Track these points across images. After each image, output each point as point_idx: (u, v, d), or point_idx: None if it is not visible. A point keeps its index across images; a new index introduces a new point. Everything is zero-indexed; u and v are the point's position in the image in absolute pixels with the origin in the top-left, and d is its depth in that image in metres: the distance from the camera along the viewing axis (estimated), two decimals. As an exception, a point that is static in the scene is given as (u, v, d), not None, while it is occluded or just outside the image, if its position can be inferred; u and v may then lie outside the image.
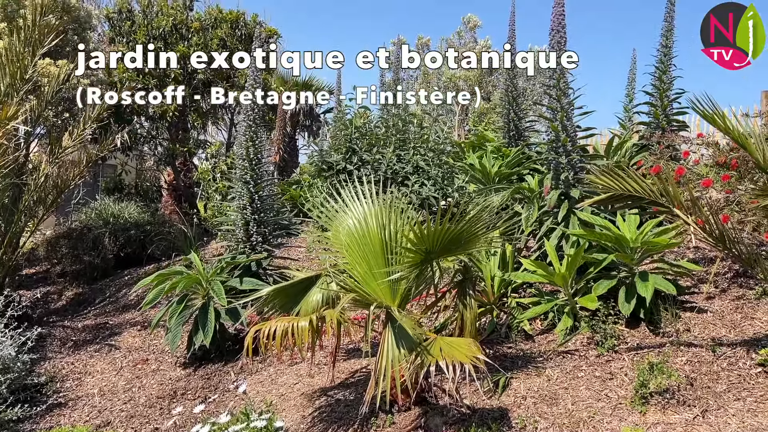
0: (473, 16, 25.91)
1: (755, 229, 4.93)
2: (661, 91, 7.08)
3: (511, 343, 4.79)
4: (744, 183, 4.83)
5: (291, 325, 3.52)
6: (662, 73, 7.15)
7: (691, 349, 4.08)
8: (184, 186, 12.49)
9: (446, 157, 8.42)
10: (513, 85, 8.59)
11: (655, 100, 7.21)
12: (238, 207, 5.89)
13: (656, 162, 5.52)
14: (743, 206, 4.72)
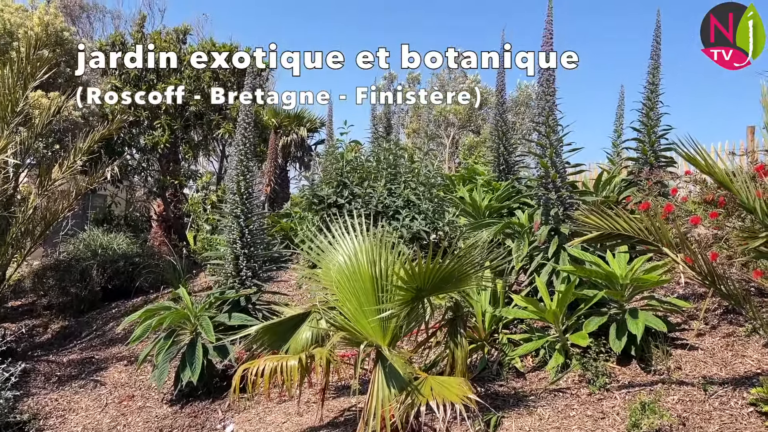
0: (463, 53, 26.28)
1: (744, 266, 4.95)
2: (649, 127, 7.18)
3: (502, 381, 4.75)
4: (732, 220, 4.87)
5: (280, 364, 3.48)
6: (649, 109, 7.26)
7: (683, 388, 4.06)
8: (174, 217, 12.45)
9: (437, 191, 8.45)
10: (502, 119, 8.69)
11: (643, 136, 7.31)
12: (228, 241, 5.87)
13: (645, 198, 5.57)
14: (731, 243, 4.75)
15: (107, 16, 23.50)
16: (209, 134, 12.60)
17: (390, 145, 8.62)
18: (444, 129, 23.66)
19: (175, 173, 12.13)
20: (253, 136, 6.02)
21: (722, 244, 4.88)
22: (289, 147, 15.14)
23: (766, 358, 4.27)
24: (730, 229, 4.81)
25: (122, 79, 11.14)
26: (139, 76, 11.12)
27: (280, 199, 13.04)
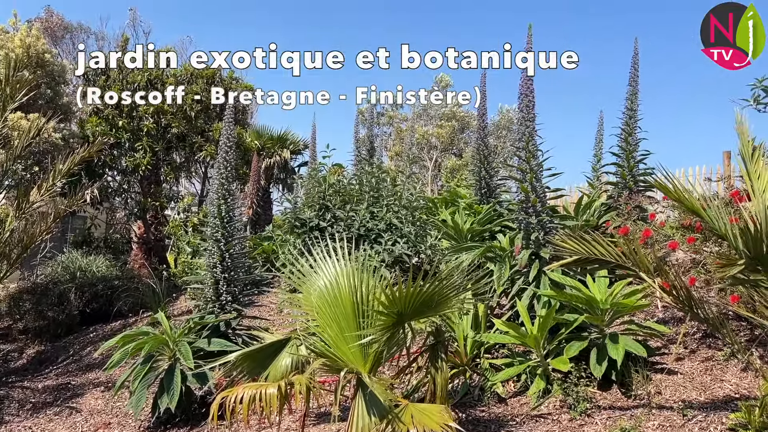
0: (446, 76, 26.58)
1: (722, 290, 5.00)
2: (628, 152, 7.29)
3: (484, 406, 4.73)
4: (709, 245, 4.93)
5: (258, 392, 3.43)
6: (628, 134, 7.37)
7: (663, 413, 4.07)
8: (154, 239, 12.34)
9: (419, 214, 8.48)
10: (484, 143, 8.77)
11: (622, 161, 7.41)
12: (208, 265, 5.81)
13: (624, 223, 5.63)
14: (709, 268, 4.81)
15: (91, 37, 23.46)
16: (191, 156, 12.57)
17: (373, 168, 8.64)
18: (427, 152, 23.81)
19: (156, 195, 12.06)
20: (236, 159, 6.00)
21: (700, 269, 4.93)
22: (272, 169, 15.13)
23: (744, 383, 4.30)
24: (708, 254, 4.87)
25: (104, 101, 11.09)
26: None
27: (262, 222, 13.00)
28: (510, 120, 23.86)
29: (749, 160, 4.08)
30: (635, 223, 5.71)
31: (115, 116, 11.03)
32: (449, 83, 26.69)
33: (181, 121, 11.48)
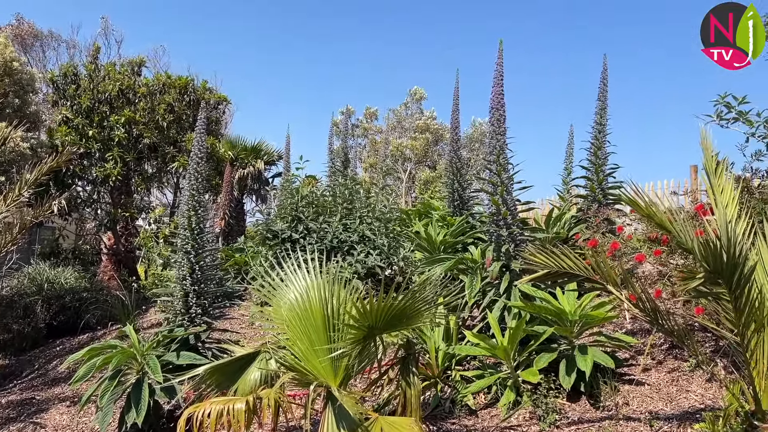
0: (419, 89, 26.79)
1: (687, 302, 5.10)
2: (597, 166, 7.41)
3: (454, 419, 4.73)
4: (675, 258, 5.02)
5: (226, 406, 3.39)
6: (597, 148, 7.50)
7: (630, 424, 4.12)
8: (124, 251, 12.16)
9: (393, 226, 8.49)
10: (457, 156, 8.85)
11: (591, 175, 7.53)
12: (178, 277, 5.74)
13: (593, 235, 5.71)
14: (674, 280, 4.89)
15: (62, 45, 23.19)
16: (164, 167, 12.43)
17: (346, 180, 8.65)
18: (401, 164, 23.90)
19: (127, 206, 11.89)
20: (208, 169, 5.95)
21: (666, 281, 5.02)
22: (245, 179, 15.04)
23: (709, 393, 4.38)
24: (674, 267, 4.96)
25: (74, 110, 10.93)
26: (91, 107, 10.92)
27: (235, 233, 12.89)
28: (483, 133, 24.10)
29: (713, 174, 4.18)
30: (604, 236, 5.79)
31: (85, 126, 10.88)
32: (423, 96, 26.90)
33: (153, 131, 11.37)
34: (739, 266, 3.12)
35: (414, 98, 26.71)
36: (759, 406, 3.52)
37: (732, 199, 3.98)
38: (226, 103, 13.55)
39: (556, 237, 6.55)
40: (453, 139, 9.37)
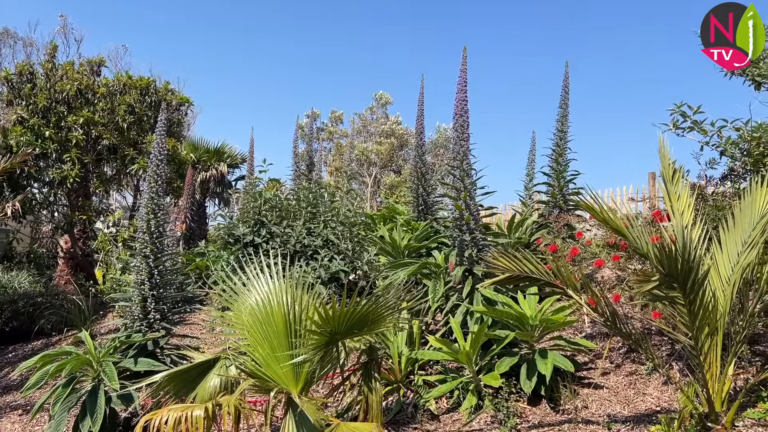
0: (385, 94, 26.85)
1: (645, 306, 5.20)
2: (558, 172, 7.52)
3: (417, 424, 4.73)
4: (632, 263, 5.12)
5: (184, 414, 3.32)
6: (558, 155, 7.62)
7: (589, 427, 4.18)
8: (82, 254, 11.85)
9: (357, 230, 8.47)
10: (422, 161, 8.88)
11: (553, 181, 7.64)
12: (136, 282, 5.61)
13: (553, 240, 5.79)
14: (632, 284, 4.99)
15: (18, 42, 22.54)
16: (123, 169, 12.15)
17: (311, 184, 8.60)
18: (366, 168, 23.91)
19: (84, 209, 11.59)
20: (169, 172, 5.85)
21: (624, 285, 5.11)
22: (208, 182, 14.83)
23: (665, 396, 4.47)
24: (631, 272, 5.06)
25: (30, 109, 10.61)
26: (48, 107, 10.63)
27: (196, 237, 12.69)
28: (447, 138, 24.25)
29: (670, 181, 4.28)
30: (564, 241, 5.88)
31: (42, 126, 10.57)
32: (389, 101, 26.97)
33: (112, 133, 11.12)
34: (694, 270, 3.20)
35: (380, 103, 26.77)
36: (712, 408, 3.61)
37: (687, 206, 4.08)
38: (189, 104, 13.32)
39: (518, 242, 6.62)
40: (418, 144, 9.40)
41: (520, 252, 3.96)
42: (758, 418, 3.87)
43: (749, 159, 4.77)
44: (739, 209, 3.96)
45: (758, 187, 3.89)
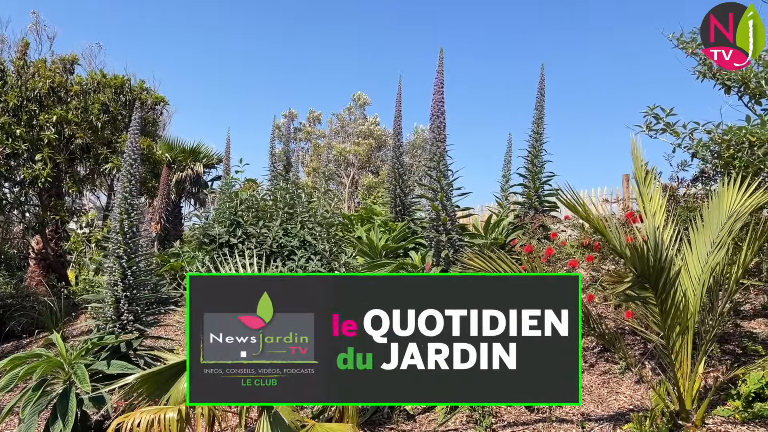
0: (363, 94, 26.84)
1: (618, 307, 5.26)
2: (534, 173, 7.59)
3: (392, 424, 4.73)
4: (606, 263, 5.19)
5: (157, 416, 3.29)
6: (534, 157, 7.69)
7: (563, 426, 4.22)
8: (54, 255, 11.65)
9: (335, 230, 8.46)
10: (399, 162, 8.90)
11: (528, 182, 7.71)
12: (109, 283, 5.54)
13: (529, 241, 5.84)
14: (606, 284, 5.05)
15: (-12, 40, 22.09)
16: (97, 168, 11.98)
17: (287, 184, 8.56)
18: (344, 169, 23.88)
19: (57, 209, 11.39)
20: (143, 171, 5.78)
21: (598, 286, 5.17)
22: (183, 183, 14.71)
23: (637, 395, 4.53)
24: (605, 272, 5.12)
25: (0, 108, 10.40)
26: (19, 105, 10.43)
27: (171, 237, 12.57)
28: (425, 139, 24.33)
29: (642, 183, 4.34)
30: (540, 242, 5.93)
31: (12, 125, 10.36)
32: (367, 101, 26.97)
33: (86, 132, 10.94)
34: (665, 271, 3.25)
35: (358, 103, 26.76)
36: (683, 406, 3.67)
37: (660, 207, 4.14)
38: (164, 103, 13.18)
39: (494, 243, 6.66)
40: (395, 145, 9.43)
41: (495, 253, 3.98)
42: (727, 415, 3.94)
43: (719, 161, 4.86)
44: (707, 210, 4.04)
45: (726, 188, 3.96)
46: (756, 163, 4.55)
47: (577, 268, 5.50)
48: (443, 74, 5.83)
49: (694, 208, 4.78)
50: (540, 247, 5.61)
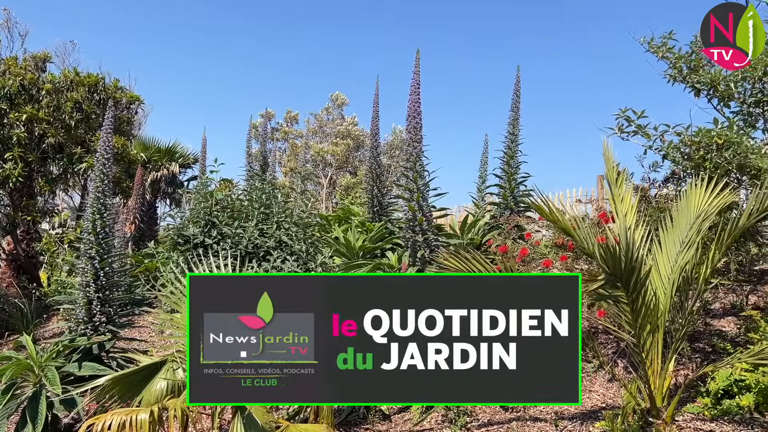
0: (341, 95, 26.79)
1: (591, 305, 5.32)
2: (509, 174, 7.65)
3: (368, 425, 4.73)
4: (579, 263, 5.25)
5: (129, 417, 3.25)
6: (510, 157, 7.75)
7: (537, 424, 4.26)
8: (25, 256, 11.44)
9: (312, 231, 8.43)
10: (377, 162, 8.90)
11: (504, 183, 7.77)
12: (81, 284, 5.47)
13: (504, 241, 5.88)
14: (580, 284, 5.10)
15: (-43, 37, 21.62)
16: (70, 168, 11.79)
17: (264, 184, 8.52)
18: (322, 169, 23.81)
19: (29, 209, 11.18)
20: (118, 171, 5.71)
21: (571, 285, 5.21)
22: (159, 182, 14.55)
23: (610, 393, 4.59)
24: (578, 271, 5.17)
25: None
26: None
27: (146, 238, 12.42)
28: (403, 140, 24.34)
29: (614, 184, 4.40)
30: (515, 242, 5.98)
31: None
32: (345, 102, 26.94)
33: (59, 130, 10.77)
34: (636, 270, 3.29)
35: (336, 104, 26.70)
36: (653, 404, 3.72)
37: (631, 208, 4.20)
38: (139, 102, 13.02)
39: (470, 243, 6.70)
40: (373, 146, 9.43)
41: (470, 253, 4.01)
42: (697, 412, 4.01)
43: (689, 162, 4.94)
44: (677, 210, 4.11)
45: (694, 189, 4.03)
46: (724, 165, 4.64)
47: (551, 268, 5.56)
48: (420, 75, 5.85)
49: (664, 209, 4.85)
50: (515, 247, 5.66)
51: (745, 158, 4.53)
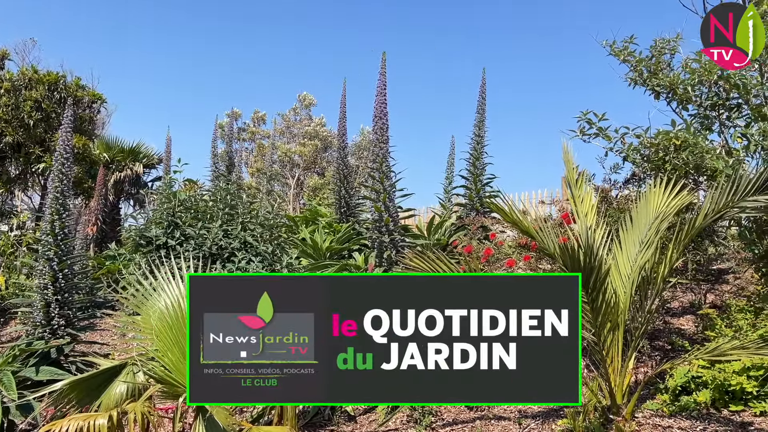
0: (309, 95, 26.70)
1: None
2: (475, 176, 7.72)
3: (333, 426, 4.72)
4: (542, 263, 5.31)
5: (87, 422, 3.18)
6: (476, 159, 7.82)
7: (501, 423, 4.30)
8: (-19, 259, 11.12)
9: (278, 232, 8.37)
10: (344, 163, 8.89)
11: (470, 184, 7.83)
12: (39, 286, 5.33)
13: (469, 242, 5.93)
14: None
15: None
16: (29, 168, 11.52)
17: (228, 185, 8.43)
18: (289, 170, 23.67)
19: (-15, 210, 10.90)
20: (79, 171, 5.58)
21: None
22: (122, 183, 14.27)
23: (572, 390, 4.65)
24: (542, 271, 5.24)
25: None
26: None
27: (109, 239, 12.18)
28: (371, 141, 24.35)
29: (574, 185, 4.47)
30: (480, 242, 6.03)
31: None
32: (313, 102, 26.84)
33: (17, 129, 10.52)
34: (596, 269, 3.35)
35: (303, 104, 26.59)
36: (614, 401, 3.79)
37: (591, 208, 4.27)
38: (102, 101, 12.81)
39: (437, 243, 6.74)
40: (340, 146, 9.42)
41: (435, 253, 4.03)
42: (656, 409, 4.10)
43: (649, 164, 5.04)
44: (636, 211, 4.19)
45: (653, 190, 4.12)
46: (682, 166, 4.75)
47: (514, 268, 5.62)
48: (386, 77, 5.87)
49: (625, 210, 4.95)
50: (480, 247, 5.70)
51: (701, 159, 4.65)
